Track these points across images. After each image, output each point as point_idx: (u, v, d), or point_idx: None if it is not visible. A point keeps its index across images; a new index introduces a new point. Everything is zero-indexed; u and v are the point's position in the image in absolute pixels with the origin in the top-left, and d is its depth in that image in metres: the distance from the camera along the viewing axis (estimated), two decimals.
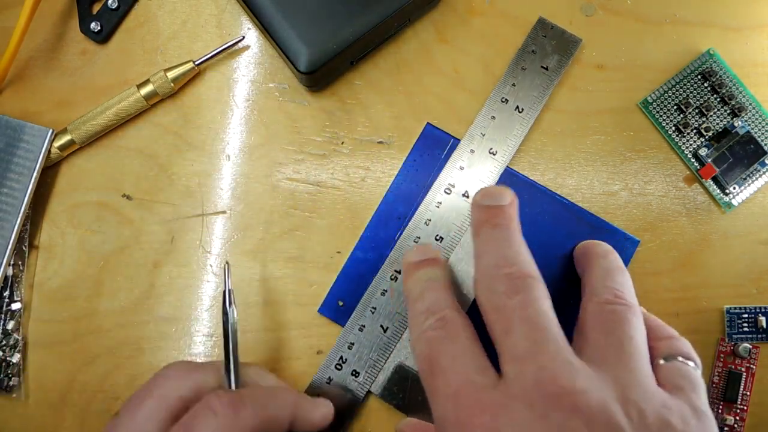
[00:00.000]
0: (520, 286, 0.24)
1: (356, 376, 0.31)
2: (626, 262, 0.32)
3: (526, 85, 0.33)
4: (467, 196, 0.31)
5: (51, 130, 0.32)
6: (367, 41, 0.32)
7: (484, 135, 0.32)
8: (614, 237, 0.32)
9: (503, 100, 0.33)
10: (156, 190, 0.33)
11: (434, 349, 0.24)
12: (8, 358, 0.32)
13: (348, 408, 0.31)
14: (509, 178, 0.33)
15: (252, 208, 0.33)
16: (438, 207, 0.32)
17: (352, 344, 0.31)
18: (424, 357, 0.24)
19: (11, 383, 0.32)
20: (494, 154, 0.32)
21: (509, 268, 0.25)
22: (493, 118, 0.32)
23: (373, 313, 0.31)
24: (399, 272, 0.31)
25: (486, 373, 0.23)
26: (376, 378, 0.31)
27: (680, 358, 0.25)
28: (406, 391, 0.31)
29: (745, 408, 0.32)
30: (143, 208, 0.33)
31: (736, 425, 0.32)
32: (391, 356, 0.31)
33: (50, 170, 0.34)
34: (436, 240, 0.31)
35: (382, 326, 0.31)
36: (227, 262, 0.30)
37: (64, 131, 0.33)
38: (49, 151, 0.32)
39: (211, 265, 0.33)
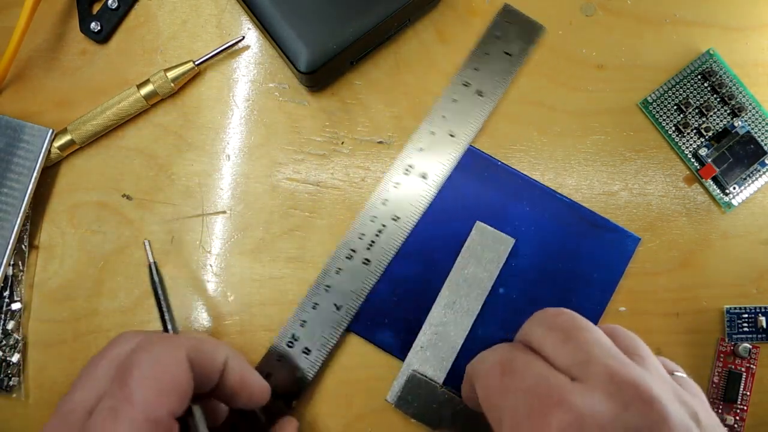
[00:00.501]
0: (565, 310, 0.26)
1: (308, 354, 0.31)
2: (627, 259, 0.32)
3: (489, 69, 0.33)
4: (425, 178, 0.32)
5: (51, 130, 0.32)
6: (367, 41, 0.32)
7: (445, 117, 0.32)
8: (615, 235, 0.32)
9: (465, 83, 0.33)
10: (156, 190, 0.33)
11: (507, 356, 0.25)
12: (8, 358, 0.32)
13: (298, 385, 0.31)
14: (509, 177, 0.33)
15: (252, 208, 0.33)
16: (396, 187, 0.32)
17: (305, 322, 0.31)
18: (496, 361, 0.25)
19: (11, 383, 0.32)
20: (454, 137, 0.32)
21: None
22: (455, 101, 0.32)
23: (327, 291, 0.31)
24: (354, 251, 0.32)
25: (559, 374, 0.23)
26: (327, 355, 0.31)
27: (676, 373, 0.26)
28: (420, 400, 0.30)
29: (745, 408, 0.32)
30: (143, 208, 0.33)
31: (736, 425, 0.32)
32: (403, 366, 0.31)
33: (50, 170, 0.34)
34: (393, 220, 0.32)
35: (335, 304, 0.31)
36: (146, 240, 0.32)
37: (64, 131, 0.33)
38: (49, 151, 0.32)
39: (211, 265, 0.33)
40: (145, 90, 0.33)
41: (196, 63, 0.33)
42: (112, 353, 0.25)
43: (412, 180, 0.32)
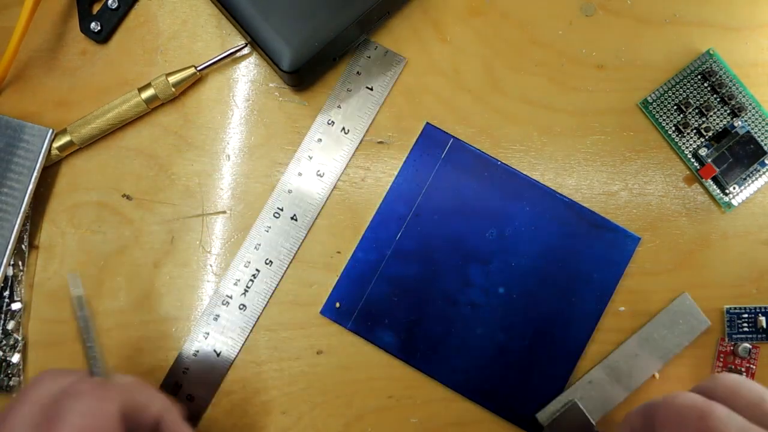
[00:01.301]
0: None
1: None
2: (627, 259, 0.32)
3: (352, 106, 0.33)
4: (295, 219, 0.32)
5: (51, 130, 0.32)
6: (347, 37, 0.32)
7: (311, 158, 0.33)
8: (615, 234, 0.32)
9: (329, 122, 0.33)
10: (156, 190, 0.33)
11: (705, 401, 0.24)
12: (8, 358, 0.32)
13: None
14: (509, 177, 0.33)
15: (252, 208, 0.33)
16: (267, 231, 0.32)
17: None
18: (696, 409, 0.24)
19: (11, 383, 0.32)
20: (321, 176, 0.33)
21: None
22: (320, 140, 0.33)
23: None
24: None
25: None
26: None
27: None
28: (571, 431, 0.30)
29: None
30: (143, 208, 0.33)
31: None
32: (566, 392, 0.31)
33: (50, 170, 0.34)
34: (292, 219, 0.32)
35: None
36: (71, 274, 0.29)
37: (63, 132, 0.33)
38: (49, 151, 0.32)
39: (211, 265, 0.33)
40: (146, 94, 0.33)
41: (198, 69, 0.33)
42: (34, 395, 0.23)
43: (282, 222, 0.33)
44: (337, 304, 0.32)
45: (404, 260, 0.32)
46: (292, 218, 0.32)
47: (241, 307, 0.32)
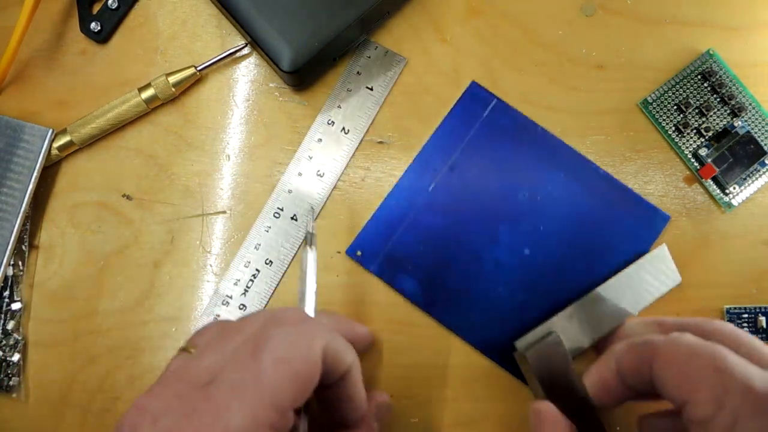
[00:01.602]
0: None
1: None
2: (655, 235, 0.33)
3: (352, 106, 0.33)
4: (295, 220, 0.32)
5: (51, 130, 0.32)
6: (347, 37, 0.32)
7: (311, 158, 0.33)
8: (645, 211, 0.33)
9: (329, 122, 0.33)
10: (156, 190, 0.33)
11: (717, 348, 0.24)
12: (8, 358, 0.32)
13: None
14: (548, 143, 0.33)
15: (252, 208, 0.33)
16: (267, 231, 0.32)
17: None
18: (702, 348, 0.24)
19: (11, 383, 0.32)
20: (321, 176, 0.33)
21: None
22: (320, 140, 0.33)
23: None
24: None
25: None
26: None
27: None
28: (546, 364, 0.29)
29: None
30: (143, 208, 0.33)
31: None
32: (546, 323, 0.30)
33: (50, 170, 0.34)
34: (292, 219, 0.32)
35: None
36: (312, 207, 0.31)
37: (63, 132, 0.33)
38: (49, 151, 0.32)
39: (211, 265, 0.33)
40: (146, 94, 0.33)
41: (198, 69, 0.33)
42: (249, 330, 0.23)
43: (282, 222, 0.33)
44: (358, 252, 0.32)
45: (434, 211, 0.32)
46: (292, 218, 0.32)
47: (241, 307, 0.32)
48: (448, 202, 0.33)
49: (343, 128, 0.33)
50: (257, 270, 0.32)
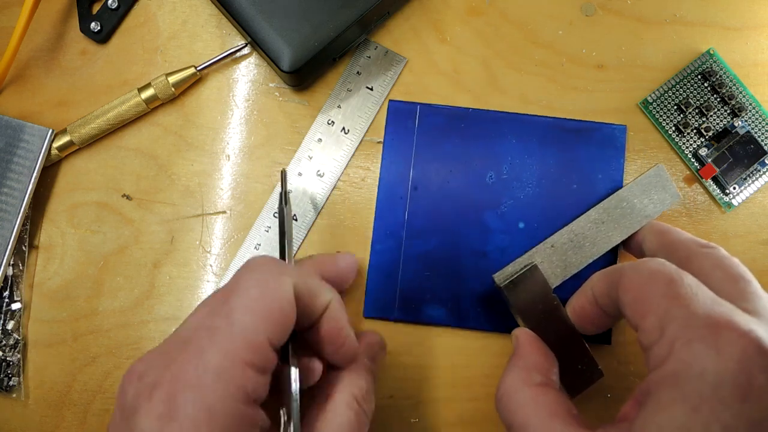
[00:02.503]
0: (726, 253, 0.26)
1: None
2: (622, 150, 0.33)
3: (352, 106, 0.33)
4: (296, 220, 0.32)
5: (51, 130, 0.32)
6: (347, 37, 0.32)
7: (311, 158, 0.33)
8: (601, 132, 0.33)
9: (330, 122, 0.33)
10: (156, 190, 0.33)
11: (674, 270, 0.24)
12: (8, 358, 0.32)
13: None
14: (485, 119, 0.33)
15: (252, 208, 0.33)
16: (267, 231, 0.32)
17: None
18: (661, 272, 0.24)
19: (11, 383, 0.32)
20: (321, 176, 0.33)
21: (711, 244, 0.27)
22: (320, 140, 0.33)
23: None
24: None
25: (731, 304, 0.23)
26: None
27: None
28: (528, 294, 0.29)
29: None
30: (143, 208, 0.33)
31: None
32: (525, 254, 0.30)
33: (50, 170, 0.34)
34: (293, 220, 0.32)
35: None
36: (283, 169, 0.30)
37: (63, 132, 0.33)
38: (49, 151, 0.32)
39: (211, 265, 0.33)
40: (146, 94, 0.33)
41: (198, 69, 0.33)
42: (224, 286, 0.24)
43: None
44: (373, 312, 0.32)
45: (420, 237, 0.32)
46: (292, 218, 0.32)
47: None
48: (428, 221, 0.32)
49: (343, 128, 0.33)
50: None
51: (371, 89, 0.33)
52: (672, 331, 0.21)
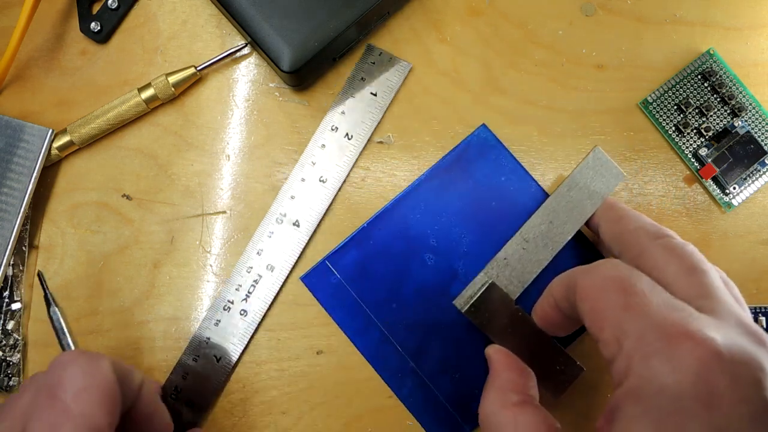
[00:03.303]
0: (685, 242, 0.26)
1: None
2: (498, 145, 0.33)
3: (356, 112, 0.33)
4: (298, 225, 0.32)
5: (51, 130, 0.32)
6: (347, 37, 0.32)
7: (314, 164, 0.33)
8: (471, 143, 0.33)
9: (333, 128, 0.33)
10: (156, 190, 0.33)
11: (626, 274, 0.23)
12: (8, 358, 0.32)
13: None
14: (385, 219, 0.33)
15: (252, 208, 0.33)
16: (270, 237, 0.32)
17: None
18: (612, 277, 0.23)
19: (11, 383, 0.32)
20: (324, 182, 0.33)
21: (668, 232, 0.27)
22: (324, 146, 0.33)
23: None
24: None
25: (685, 305, 0.22)
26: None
27: None
28: (492, 312, 0.29)
29: None
30: (143, 208, 0.33)
31: None
32: (481, 273, 0.30)
33: (50, 170, 0.34)
34: (268, 270, 0.32)
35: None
36: (39, 272, 0.32)
37: (63, 132, 0.33)
38: (49, 151, 0.32)
39: (211, 265, 0.33)
40: (146, 94, 0.33)
41: (198, 69, 0.33)
42: (32, 384, 0.23)
43: (284, 228, 0.32)
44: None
45: (410, 332, 0.32)
46: (294, 224, 0.32)
47: (242, 312, 0.32)
48: (408, 331, 0.32)
49: (347, 134, 0.33)
50: (259, 275, 0.32)
51: (375, 95, 0.33)
52: (629, 345, 0.21)
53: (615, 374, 0.22)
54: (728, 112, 0.34)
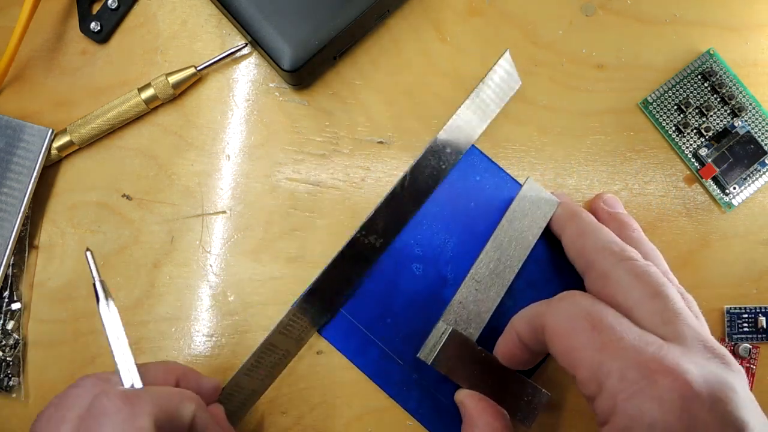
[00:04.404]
0: (648, 263, 0.26)
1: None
2: (507, 202, 0.32)
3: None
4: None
5: (51, 130, 0.32)
6: (347, 36, 0.32)
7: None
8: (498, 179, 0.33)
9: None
10: (156, 190, 0.33)
11: (593, 309, 0.24)
12: (8, 358, 0.32)
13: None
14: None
15: (252, 208, 0.33)
16: None
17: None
18: (580, 315, 0.24)
19: (11, 383, 0.32)
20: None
21: (631, 251, 0.27)
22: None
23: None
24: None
25: (652, 336, 0.23)
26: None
27: None
28: (457, 357, 0.29)
29: None
30: (143, 208, 0.33)
31: None
32: (440, 322, 0.30)
33: (50, 170, 0.34)
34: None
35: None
36: (88, 249, 0.26)
37: (63, 132, 0.33)
38: (49, 152, 0.32)
39: (211, 265, 0.33)
40: (146, 94, 0.33)
41: (198, 69, 0.33)
42: (71, 413, 0.22)
43: None
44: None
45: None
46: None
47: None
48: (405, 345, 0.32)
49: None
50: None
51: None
52: (611, 385, 0.22)
53: (599, 412, 0.23)
54: (728, 112, 0.34)
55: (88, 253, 0.26)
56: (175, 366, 0.28)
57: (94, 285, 0.26)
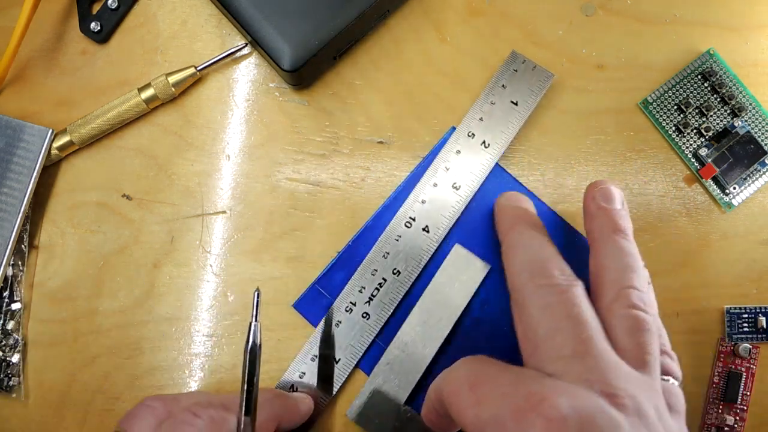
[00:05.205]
0: (565, 287, 0.25)
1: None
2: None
3: (495, 119, 0.33)
4: (427, 231, 0.31)
5: (51, 130, 0.32)
6: (347, 36, 0.32)
7: (448, 169, 0.32)
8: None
9: (470, 134, 0.33)
10: (156, 190, 0.33)
11: (473, 367, 0.24)
12: (8, 358, 0.32)
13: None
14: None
15: (252, 208, 0.33)
16: (397, 241, 0.32)
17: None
18: (460, 378, 0.24)
19: (11, 383, 0.32)
20: (457, 189, 0.32)
21: (550, 272, 0.25)
22: (459, 152, 0.32)
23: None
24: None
25: (532, 371, 0.23)
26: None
27: (671, 380, 0.25)
28: (382, 417, 0.30)
29: (745, 408, 0.32)
30: (143, 208, 0.33)
31: (736, 425, 0.32)
32: (367, 382, 0.31)
33: (50, 170, 0.34)
34: (424, 231, 0.32)
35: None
36: (258, 289, 0.26)
37: (63, 132, 0.33)
38: (49, 152, 0.32)
39: (211, 265, 0.33)
40: (146, 94, 0.33)
41: (198, 69, 0.33)
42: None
43: (413, 232, 0.32)
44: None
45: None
46: (423, 229, 0.31)
47: (364, 315, 0.31)
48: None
49: (484, 141, 0.32)
50: (384, 279, 0.31)
51: (516, 104, 0.32)
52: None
53: None
54: (728, 112, 0.34)
55: (256, 293, 0.26)
56: (279, 402, 0.29)
57: (250, 325, 0.26)
